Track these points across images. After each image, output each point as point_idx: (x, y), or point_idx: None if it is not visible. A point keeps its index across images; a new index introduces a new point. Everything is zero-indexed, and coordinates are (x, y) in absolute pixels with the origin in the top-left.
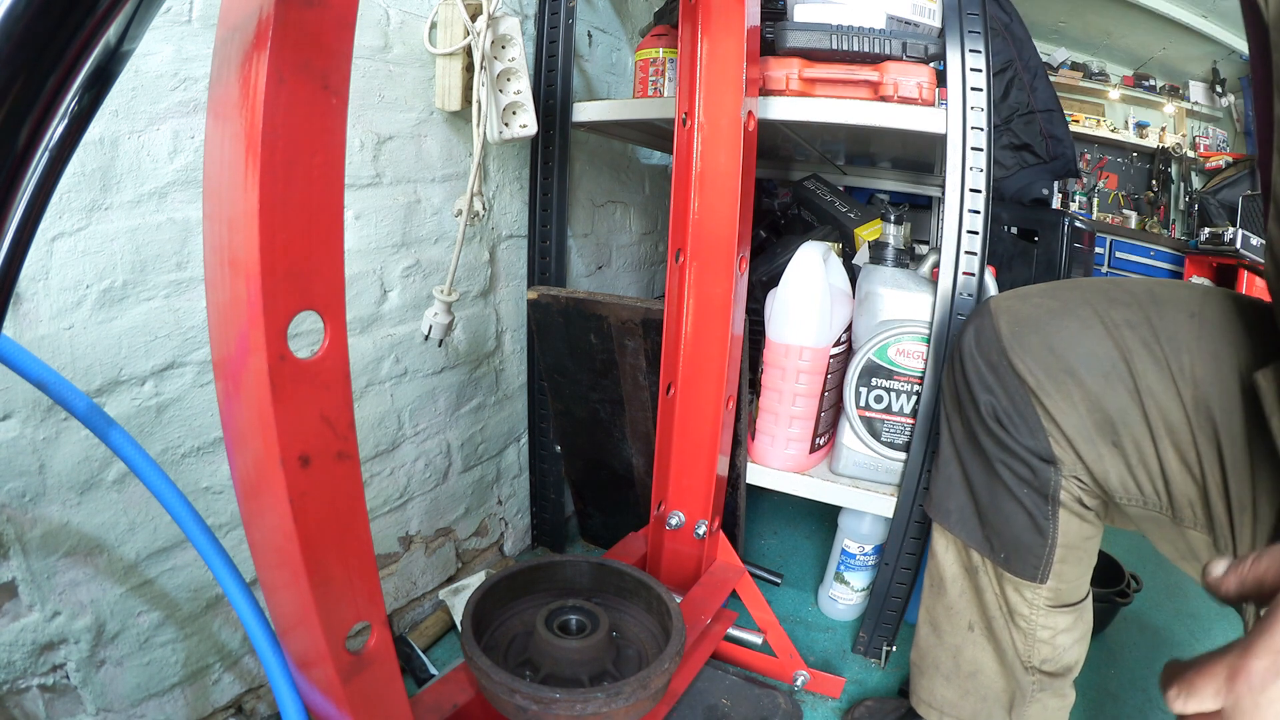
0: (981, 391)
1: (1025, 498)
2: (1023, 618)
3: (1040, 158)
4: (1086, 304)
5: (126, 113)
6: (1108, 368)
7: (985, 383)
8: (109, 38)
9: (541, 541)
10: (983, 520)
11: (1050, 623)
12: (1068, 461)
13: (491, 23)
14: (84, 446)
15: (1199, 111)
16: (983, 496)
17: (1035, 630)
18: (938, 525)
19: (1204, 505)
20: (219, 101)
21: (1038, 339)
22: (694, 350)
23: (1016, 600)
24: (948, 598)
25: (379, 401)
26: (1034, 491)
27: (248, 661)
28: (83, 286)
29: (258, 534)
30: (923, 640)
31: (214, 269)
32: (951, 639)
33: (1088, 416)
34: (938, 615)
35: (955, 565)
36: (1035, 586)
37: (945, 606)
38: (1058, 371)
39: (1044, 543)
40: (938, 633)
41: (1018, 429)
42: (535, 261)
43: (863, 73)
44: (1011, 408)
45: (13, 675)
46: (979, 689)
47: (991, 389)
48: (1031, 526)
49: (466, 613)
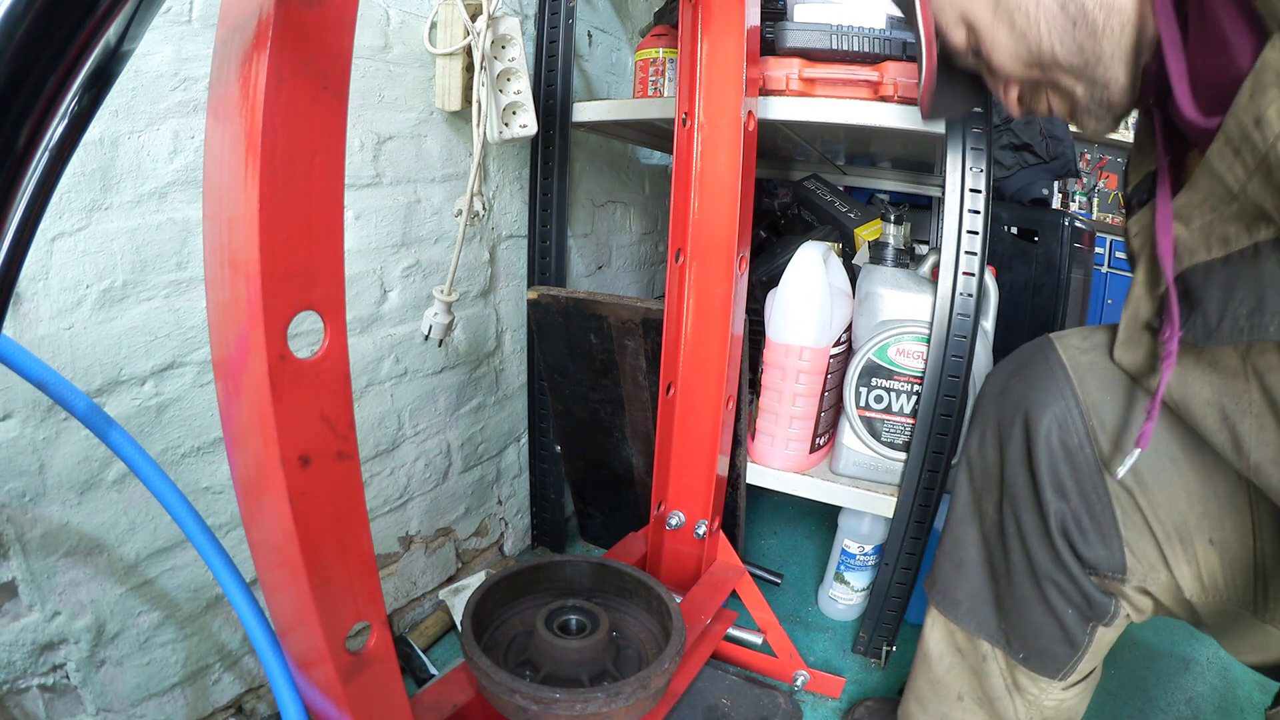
0: (1054, 498)
1: (1068, 619)
2: (1033, 696)
3: (1040, 158)
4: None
5: (126, 113)
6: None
7: (1060, 487)
8: (109, 38)
9: (541, 541)
10: (1002, 615)
11: (1061, 696)
12: (1139, 570)
13: (491, 23)
14: (84, 446)
15: None
16: (1008, 600)
17: (1043, 703)
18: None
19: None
20: (219, 101)
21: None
22: (694, 350)
23: (1027, 683)
24: (933, 674)
25: (379, 401)
26: (1078, 614)
27: (248, 661)
28: (83, 286)
29: (258, 534)
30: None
31: (214, 269)
32: (938, 707)
33: (1188, 510)
34: (922, 690)
35: (942, 644)
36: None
37: (930, 681)
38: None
39: (1073, 654)
40: (922, 704)
41: (1088, 541)
42: (535, 261)
43: (863, 73)
44: (1085, 514)
45: (13, 675)
46: None
47: (1067, 495)
48: (1063, 639)
49: (466, 613)
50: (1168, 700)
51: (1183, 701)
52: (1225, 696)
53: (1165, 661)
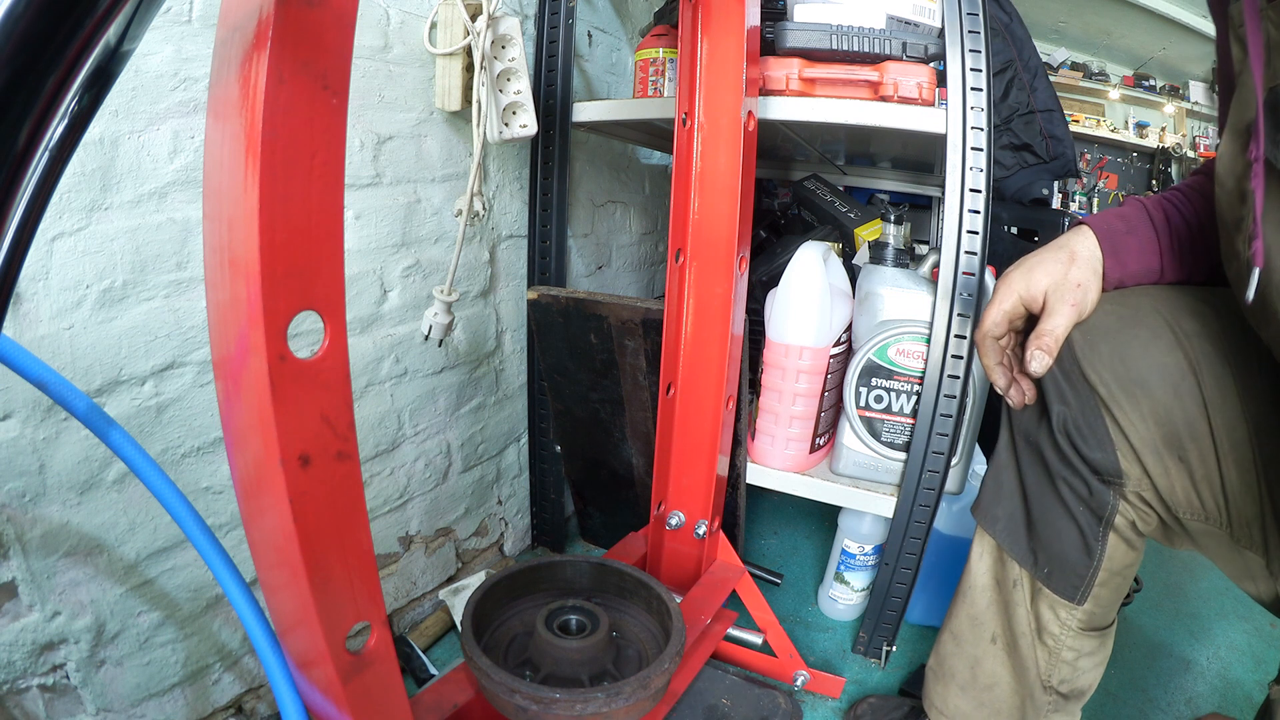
0: (1055, 401)
1: (1080, 515)
2: (1052, 636)
3: (1040, 158)
4: (1157, 312)
5: (126, 113)
6: (1177, 379)
7: (1060, 392)
8: (109, 38)
9: (541, 541)
10: (1031, 531)
11: (1077, 645)
12: (1134, 476)
13: (491, 23)
14: (84, 446)
15: (1199, 111)
16: (1035, 508)
17: (1061, 650)
18: (980, 532)
19: (1260, 527)
20: (219, 101)
21: (1109, 347)
22: (694, 350)
23: (1049, 618)
24: (975, 608)
25: (379, 401)
26: (1089, 511)
27: (248, 661)
28: (83, 286)
29: (258, 534)
30: (943, 646)
31: (214, 269)
32: (972, 649)
33: (1156, 429)
34: (961, 624)
35: (987, 575)
36: (1072, 607)
37: (971, 616)
38: (1128, 382)
39: (1090, 564)
40: (958, 641)
41: (1085, 441)
42: (535, 261)
43: (863, 73)
44: (1082, 419)
45: (13, 675)
46: (993, 702)
47: (1065, 398)
48: (1081, 545)
49: (466, 613)
50: (1168, 700)
51: (1183, 701)
52: (1225, 696)
53: (1165, 661)
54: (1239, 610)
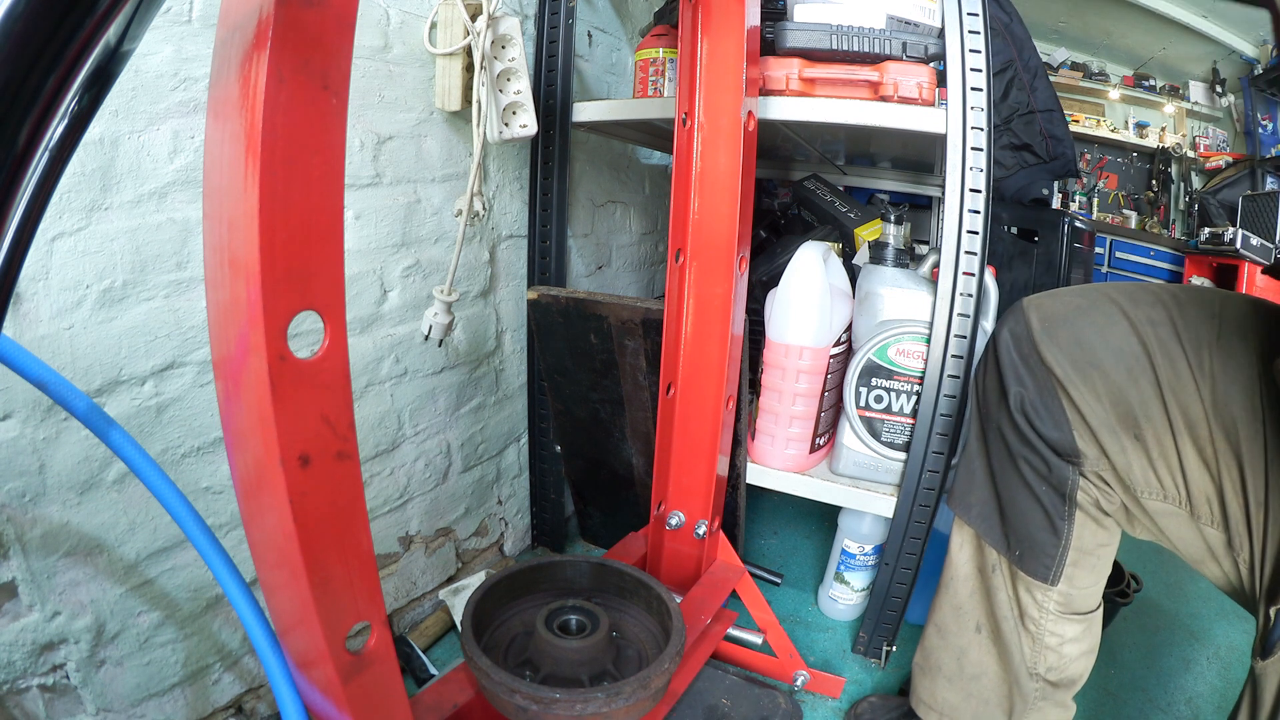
0: (1013, 383)
1: (1043, 495)
2: (1033, 620)
3: (1040, 158)
4: (1113, 302)
5: (126, 113)
6: (1131, 361)
7: (1017, 374)
8: (109, 38)
9: (541, 541)
10: (1003, 516)
11: (1059, 630)
12: (1090, 455)
13: (491, 23)
14: (84, 446)
15: (1199, 111)
16: (1003, 491)
17: (1044, 635)
18: (957, 521)
19: (1220, 502)
20: (219, 101)
21: (1066, 332)
22: (694, 350)
23: (1028, 602)
24: (958, 597)
25: (379, 401)
26: (1051, 489)
27: (248, 661)
28: (83, 286)
29: (258, 534)
30: (928, 641)
31: (214, 269)
32: (957, 640)
33: (1111, 409)
34: (945, 616)
35: (969, 564)
36: (1046, 588)
37: (954, 606)
38: (1084, 364)
39: (1057, 543)
40: (943, 634)
41: (1042, 420)
42: (535, 261)
43: (863, 73)
44: (1038, 399)
45: (13, 675)
46: (981, 692)
47: (1022, 380)
48: (1047, 525)
49: (466, 613)
50: (1168, 700)
51: (1183, 701)
52: (1225, 696)
53: (1165, 661)
54: (1239, 610)
